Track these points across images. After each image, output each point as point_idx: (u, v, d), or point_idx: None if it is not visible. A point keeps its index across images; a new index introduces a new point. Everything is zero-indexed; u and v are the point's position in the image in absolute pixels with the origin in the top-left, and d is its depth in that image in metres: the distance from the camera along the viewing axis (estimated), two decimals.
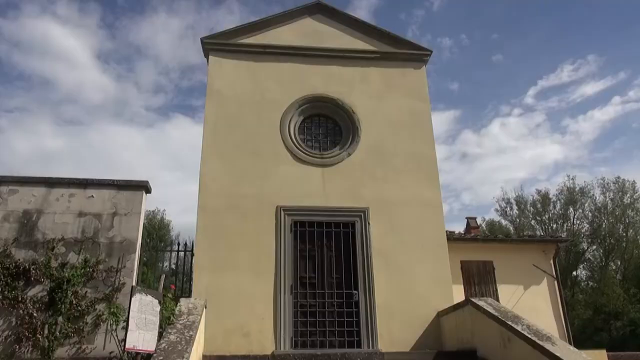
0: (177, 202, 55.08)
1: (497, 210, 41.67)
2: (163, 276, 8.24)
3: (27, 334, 8.25)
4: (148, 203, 9.67)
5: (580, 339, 28.47)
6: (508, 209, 41.19)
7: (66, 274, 7.45)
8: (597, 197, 39.21)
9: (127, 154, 59.09)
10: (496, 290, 13.60)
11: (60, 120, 64.67)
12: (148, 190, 9.40)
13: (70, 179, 9.28)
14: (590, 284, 39.54)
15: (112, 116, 63.49)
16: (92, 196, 9.10)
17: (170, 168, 61.67)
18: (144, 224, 9.44)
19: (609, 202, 38.85)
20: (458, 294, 10.61)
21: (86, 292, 8.56)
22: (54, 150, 59.42)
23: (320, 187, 9.63)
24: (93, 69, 64.31)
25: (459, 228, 31.86)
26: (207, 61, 10.69)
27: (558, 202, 39.91)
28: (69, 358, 8.18)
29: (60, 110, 64.17)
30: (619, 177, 38.99)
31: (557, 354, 5.90)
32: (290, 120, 10.24)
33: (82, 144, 61.09)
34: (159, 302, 6.30)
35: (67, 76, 64.09)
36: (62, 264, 8.05)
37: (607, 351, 17.75)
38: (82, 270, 7.88)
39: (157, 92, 68.54)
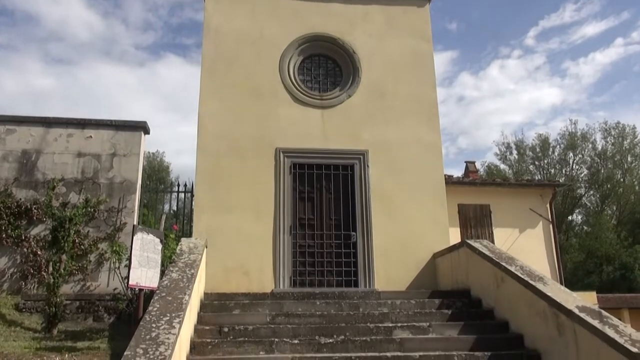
0: (171, 143, 54.77)
1: (496, 155, 41.68)
2: (164, 216, 8.35)
3: (32, 271, 8.48)
4: (147, 145, 9.65)
5: (571, 281, 29.26)
6: (508, 153, 41.21)
7: (68, 213, 7.55)
8: (598, 142, 39.15)
9: (119, 94, 58.08)
10: (492, 233, 13.84)
11: (49, 59, 63.10)
12: (146, 130, 9.36)
13: (68, 118, 9.22)
14: (585, 228, 40.16)
15: (101, 54, 61.74)
16: (91, 136, 9.07)
17: (162, 109, 60.91)
18: (143, 165, 9.46)
19: (610, 147, 38.83)
20: (455, 237, 10.80)
21: (88, 231, 8.72)
22: (44, 89, 58.27)
23: (320, 129, 9.58)
24: (77, 4, 62.00)
25: (455, 173, 31.97)
26: None
27: (558, 147, 39.88)
28: (74, 294, 8.44)
29: (47, 47, 62.39)
30: (619, 122, 38.77)
31: (549, 294, 6.06)
32: (289, 60, 10.04)
33: (72, 83, 59.96)
34: (161, 241, 6.41)
35: (50, 11, 61.86)
36: (64, 204, 8.16)
37: (596, 293, 18.31)
38: (84, 210, 7.99)
39: (146, 30, 66.46)
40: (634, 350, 4.73)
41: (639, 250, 34.26)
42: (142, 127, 9.21)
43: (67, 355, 5.54)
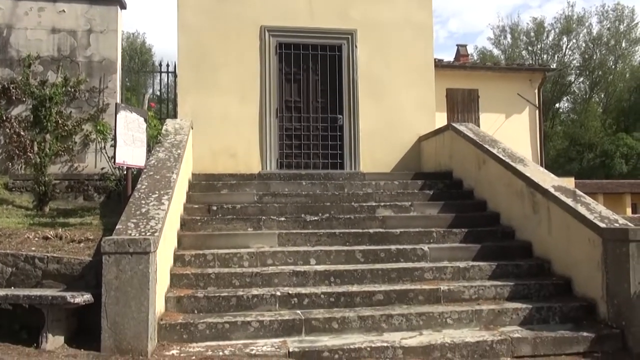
0: (149, 21, 51.83)
1: (490, 39, 40.66)
2: (147, 95, 8.19)
3: (17, 151, 8.47)
4: (125, 24, 9.17)
5: (553, 167, 30.12)
6: (502, 37, 40.13)
7: (47, 92, 7.35)
8: (594, 27, 38.11)
9: None
10: (478, 118, 13.91)
11: None
12: (123, 5, 8.84)
13: None
14: (571, 116, 40.50)
15: None
16: (64, 11, 8.56)
17: None
18: (123, 46, 9.08)
19: (605, 31, 37.87)
20: (441, 122, 10.82)
21: (71, 112, 8.58)
22: None
23: (307, 6, 9.08)
24: None
25: (445, 58, 31.20)
26: None
27: (552, 31, 38.79)
28: (62, 174, 8.53)
29: None
30: (618, 4, 37.46)
31: (527, 174, 6.24)
32: None
33: None
34: (145, 120, 6.33)
35: None
36: (42, 82, 7.91)
37: (575, 179, 18.96)
38: (64, 89, 7.77)
39: None
40: (602, 225, 5.00)
41: (621, 138, 34.98)
42: (117, 1, 8.67)
43: (60, 229, 5.72)
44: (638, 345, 4.61)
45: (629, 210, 25.39)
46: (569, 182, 16.45)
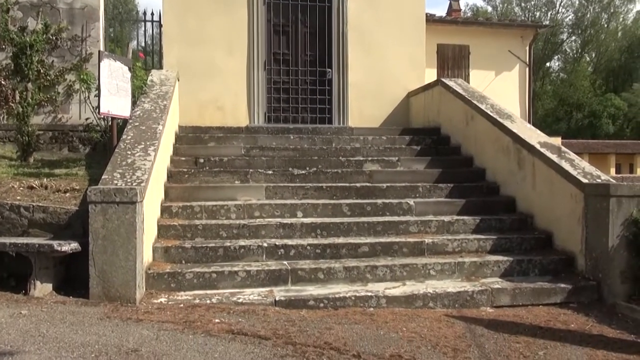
0: None
1: None
2: (131, 44, 7.98)
3: None
4: None
5: (540, 127, 30.12)
6: None
7: (28, 39, 7.11)
8: None
9: None
10: (468, 75, 13.81)
11: None
12: None
13: None
14: (562, 75, 40.39)
15: None
16: None
17: None
18: None
19: None
20: (431, 78, 10.73)
21: (53, 61, 8.35)
22: None
23: None
24: None
25: (437, 12, 30.60)
26: None
27: None
28: (46, 125, 8.39)
29: None
30: None
31: (514, 130, 6.27)
32: None
33: None
34: (129, 69, 6.19)
35: None
36: (22, 28, 7.64)
37: (562, 138, 19.13)
38: (45, 37, 7.51)
39: None
40: (585, 180, 5.08)
41: (609, 99, 35.09)
42: None
43: (45, 179, 5.67)
44: (612, 296, 4.77)
45: (613, 170, 25.82)
46: (556, 141, 16.59)
